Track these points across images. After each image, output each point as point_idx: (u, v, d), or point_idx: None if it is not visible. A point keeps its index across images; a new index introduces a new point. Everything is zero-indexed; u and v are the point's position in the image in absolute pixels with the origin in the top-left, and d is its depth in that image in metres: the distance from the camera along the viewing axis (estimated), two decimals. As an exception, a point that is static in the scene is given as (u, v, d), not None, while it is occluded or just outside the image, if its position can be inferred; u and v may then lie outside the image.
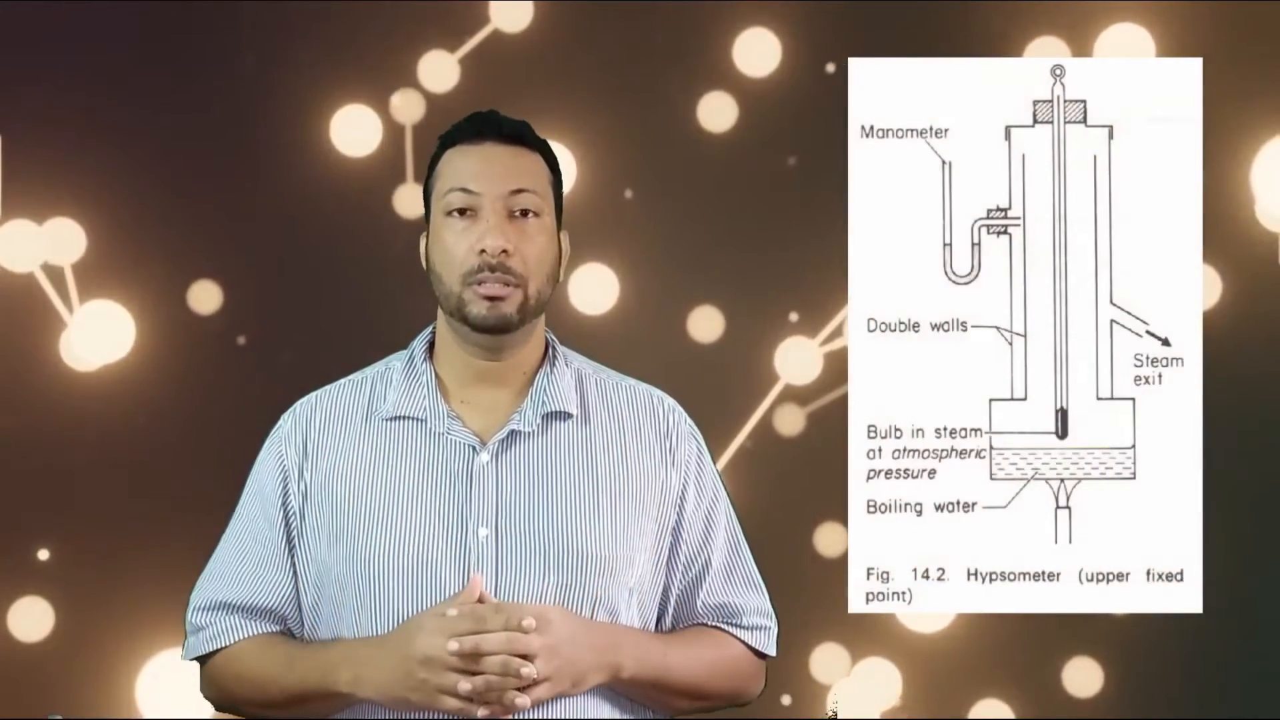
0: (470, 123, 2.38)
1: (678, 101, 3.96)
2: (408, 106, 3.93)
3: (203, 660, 2.36)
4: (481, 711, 2.19)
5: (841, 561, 3.83)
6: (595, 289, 3.94)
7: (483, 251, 2.29)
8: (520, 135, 2.37)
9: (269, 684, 2.30)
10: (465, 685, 2.18)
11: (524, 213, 2.32)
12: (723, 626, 2.40)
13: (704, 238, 3.99)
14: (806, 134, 3.95)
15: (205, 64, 3.92)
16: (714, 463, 2.44)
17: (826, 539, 3.93)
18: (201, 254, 3.93)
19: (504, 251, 2.29)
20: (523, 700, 2.18)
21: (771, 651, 2.43)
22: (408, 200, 3.90)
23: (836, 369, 3.90)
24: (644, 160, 3.97)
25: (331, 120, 3.95)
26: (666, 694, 2.32)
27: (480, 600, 2.21)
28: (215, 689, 2.36)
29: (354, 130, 3.95)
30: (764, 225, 3.96)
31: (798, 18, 3.95)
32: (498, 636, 2.19)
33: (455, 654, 2.17)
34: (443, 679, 2.19)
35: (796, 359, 3.95)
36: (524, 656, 2.19)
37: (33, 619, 3.87)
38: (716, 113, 3.97)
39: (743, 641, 2.40)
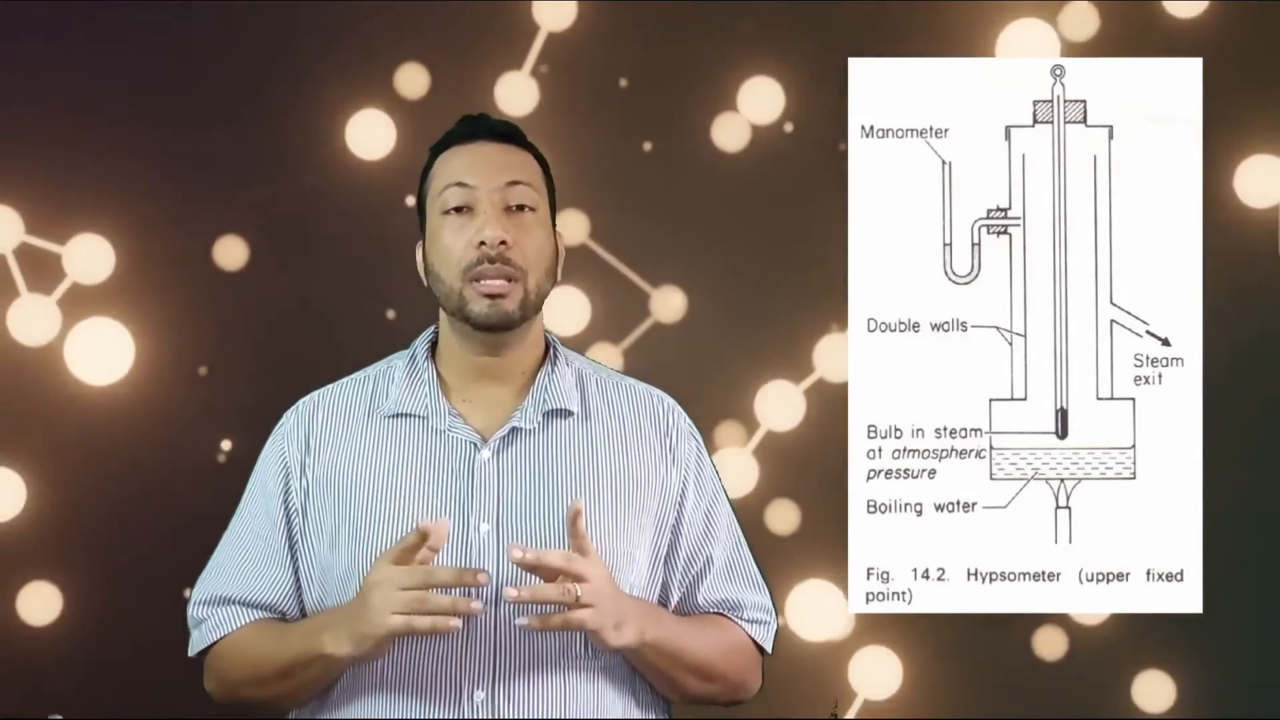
0: (461, 125, 2.41)
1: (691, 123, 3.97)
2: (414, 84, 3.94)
3: (204, 653, 2.37)
4: (452, 622, 2.16)
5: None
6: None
7: (482, 244, 2.30)
8: (511, 134, 2.39)
9: (263, 660, 2.30)
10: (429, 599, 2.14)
11: (520, 207, 2.33)
12: (726, 614, 2.41)
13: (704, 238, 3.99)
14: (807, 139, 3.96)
15: (231, 73, 3.93)
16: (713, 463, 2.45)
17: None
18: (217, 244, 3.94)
19: (503, 243, 2.30)
20: (476, 605, 2.15)
21: (769, 648, 2.44)
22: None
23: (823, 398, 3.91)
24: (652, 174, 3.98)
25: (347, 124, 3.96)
26: (679, 668, 2.32)
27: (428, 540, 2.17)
28: (215, 678, 2.37)
29: (368, 133, 3.95)
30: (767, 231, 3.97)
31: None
32: (556, 553, 2.19)
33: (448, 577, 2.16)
34: (390, 596, 2.16)
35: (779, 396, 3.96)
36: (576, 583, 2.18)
37: (41, 604, 3.89)
38: (729, 133, 3.97)
39: (744, 631, 2.41)
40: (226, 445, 3.89)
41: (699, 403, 2.52)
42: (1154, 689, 3.92)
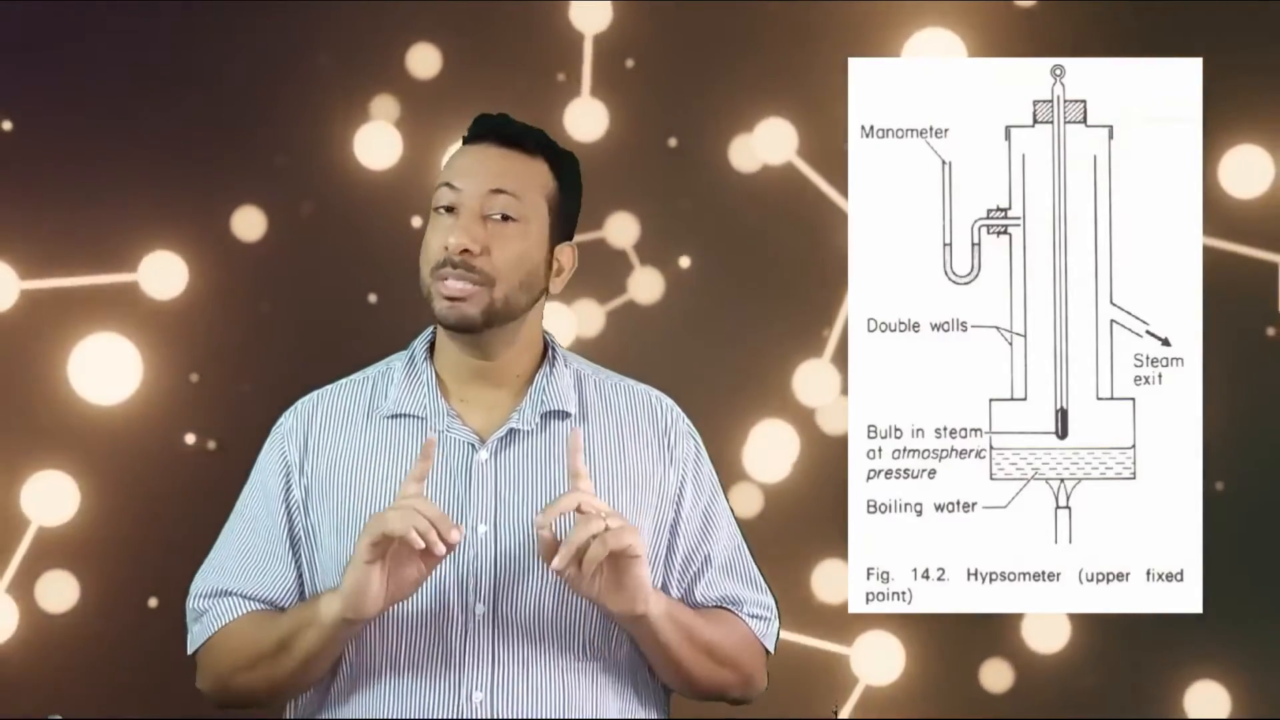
0: (477, 123, 2.39)
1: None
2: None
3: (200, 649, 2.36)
4: (455, 534, 2.17)
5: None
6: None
7: (446, 248, 2.30)
8: (520, 140, 2.36)
9: (261, 639, 2.28)
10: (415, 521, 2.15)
11: (502, 216, 2.32)
12: (728, 608, 2.40)
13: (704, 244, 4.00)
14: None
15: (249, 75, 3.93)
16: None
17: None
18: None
19: (465, 250, 2.29)
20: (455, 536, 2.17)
21: (771, 646, 2.43)
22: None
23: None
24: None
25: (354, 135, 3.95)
26: (692, 645, 2.31)
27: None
28: (209, 670, 2.35)
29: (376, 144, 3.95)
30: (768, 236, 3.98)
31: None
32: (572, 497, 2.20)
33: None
34: (388, 516, 2.17)
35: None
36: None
37: (58, 591, 3.90)
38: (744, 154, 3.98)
39: (747, 625, 2.40)
40: (212, 444, 3.90)
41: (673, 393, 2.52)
42: (1207, 695, 3.93)
